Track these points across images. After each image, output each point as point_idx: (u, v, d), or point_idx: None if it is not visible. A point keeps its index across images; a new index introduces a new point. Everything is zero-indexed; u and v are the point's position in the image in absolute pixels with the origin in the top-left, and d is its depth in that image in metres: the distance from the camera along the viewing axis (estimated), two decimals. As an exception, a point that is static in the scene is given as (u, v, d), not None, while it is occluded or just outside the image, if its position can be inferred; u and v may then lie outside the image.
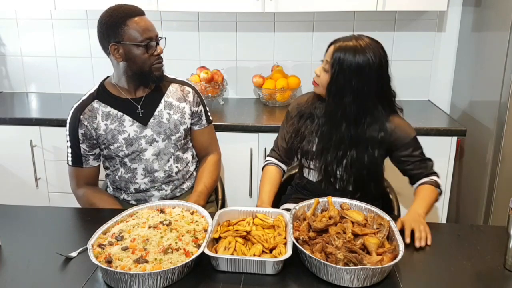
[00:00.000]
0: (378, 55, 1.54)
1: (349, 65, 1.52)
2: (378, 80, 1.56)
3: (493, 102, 2.24)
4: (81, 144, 1.73)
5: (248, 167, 2.41)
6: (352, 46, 1.53)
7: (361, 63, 1.52)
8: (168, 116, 1.77)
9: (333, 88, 1.57)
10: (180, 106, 1.80)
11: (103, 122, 1.71)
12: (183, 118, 1.80)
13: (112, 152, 1.74)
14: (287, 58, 2.81)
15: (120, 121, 1.72)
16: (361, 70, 1.52)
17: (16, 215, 1.58)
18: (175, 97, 1.80)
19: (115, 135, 1.71)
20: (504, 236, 1.26)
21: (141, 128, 1.73)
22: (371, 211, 1.41)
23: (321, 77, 1.61)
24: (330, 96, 1.60)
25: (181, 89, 1.82)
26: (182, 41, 2.81)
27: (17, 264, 1.29)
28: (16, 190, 2.54)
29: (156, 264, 1.19)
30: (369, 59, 1.52)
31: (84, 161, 1.75)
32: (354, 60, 1.52)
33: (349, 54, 1.52)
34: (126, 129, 1.72)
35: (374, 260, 1.20)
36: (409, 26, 2.70)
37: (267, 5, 2.36)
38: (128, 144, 1.73)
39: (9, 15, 2.83)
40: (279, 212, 1.43)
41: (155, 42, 1.67)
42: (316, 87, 1.66)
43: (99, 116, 1.71)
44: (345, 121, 1.59)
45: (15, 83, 2.98)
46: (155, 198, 1.81)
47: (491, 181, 2.29)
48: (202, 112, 1.87)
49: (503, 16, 2.15)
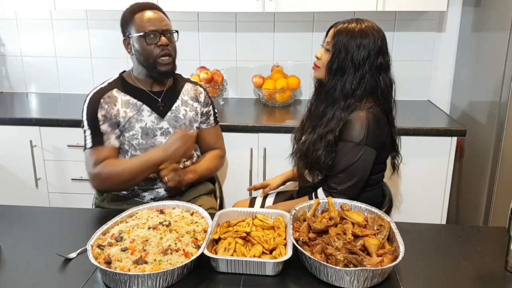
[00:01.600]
0: (378, 32, 1.58)
1: (351, 40, 1.55)
2: (377, 57, 1.57)
3: (493, 102, 2.24)
4: (101, 126, 1.70)
5: (248, 167, 2.41)
6: (353, 26, 1.57)
7: (363, 36, 1.55)
8: (185, 112, 1.83)
9: (335, 65, 1.58)
10: (194, 105, 1.87)
11: (123, 109, 1.74)
12: (196, 116, 1.87)
13: (126, 140, 1.75)
14: (287, 58, 2.80)
15: (139, 110, 1.75)
16: (362, 44, 1.54)
17: (16, 215, 1.58)
18: (189, 96, 1.87)
19: (133, 122, 1.74)
20: (504, 237, 1.25)
21: (158, 119, 1.77)
22: (371, 212, 1.41)
23: (322, 58, 1.63)
24: (331, 74, 1.60)
25: (194, 89, 1.90)
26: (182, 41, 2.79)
27: (16, 264, 1.29)
28: (16, 190, 2.54)
29: (156, 265, 1.18)
30: (370, 34, 1.55)
31: (105, 140, 1.71)
32: (356, 36, 1.55)
33: (351, 31, 1.56)
34: (144, 119, 1.76)
35: (374, 261, 1.20)
36: (409, 26, 2.70)
37: (267, 5, 2.36)
38: (143, 133, 1.75)
39: (9, 15, 2.83)
40: (279, 213, 1.43)
41: (158, 34, 1.68)
42: (316, 70, 1.68)
43: (119, 103, 1.74)
44: (343, 98, 1.58)
45: (15, 83, 2.98)
46: (162, 189, 1.82)
47: (491, 181, 2.29)
48: (211, 112, 1.95)
49: (503, 16, 2.15)
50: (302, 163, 1.69)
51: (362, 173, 1.58)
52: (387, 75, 1.61)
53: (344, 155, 1.57)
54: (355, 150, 1.55)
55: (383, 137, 1.61)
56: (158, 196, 1.82)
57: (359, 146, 1.54)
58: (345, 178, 1.57)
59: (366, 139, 1.54)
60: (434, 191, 2.40)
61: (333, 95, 1.60)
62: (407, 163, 1.91)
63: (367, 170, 1.60)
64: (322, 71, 1.65)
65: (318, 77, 1.69)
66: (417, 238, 1.43)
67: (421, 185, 2.39)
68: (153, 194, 1.81)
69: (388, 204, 1.79)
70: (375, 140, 1.57)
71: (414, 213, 2.42)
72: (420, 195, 2.41)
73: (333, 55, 1.58)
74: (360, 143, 1.54)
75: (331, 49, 1.59)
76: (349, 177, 1.57)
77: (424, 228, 1.53)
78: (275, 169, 2.27)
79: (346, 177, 1.57)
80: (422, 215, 2.40)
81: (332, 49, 1.59)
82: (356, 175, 1.57)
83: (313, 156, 1.62)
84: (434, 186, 2.39)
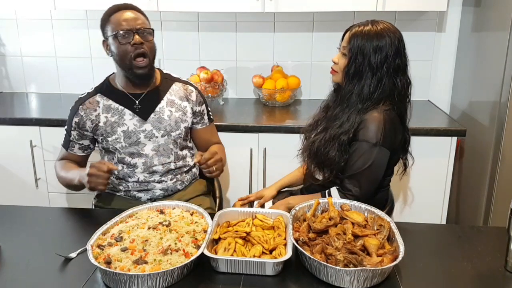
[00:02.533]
0: (395, 33, 1.55)
1: (367, 43, 1.53)
2: (395, 59, 1.54)
3: (493, 102, 2.24)
4: (72, 131, 1.80)
5: (248, 167, 2.41)
6: (369, 28, 1.55)
7: (379, 39, 1.53)
8: (170, 113, 1.80)
9: (352, 69, 1.56)
10: (182, 104, 1.84)
11: (103, 115, 1.76)
12: (185, 116, 1.84)
13: (109, 144, 1.77)
14: (287, 58, 2.80)
15: (121, 114, 1.76)
16: (379, 47, 1.53)
17: (16, 215, 1.58)
18: (178, 96, 1.84)
19: (114, 127, 1.76)
20: (504, 237, 1.25)
21: (141, 122, 1.77)
22: (371, 212, 1.41)
23: (339, 62, 1.62)
24: (348, 79, 1.58)
25: (184, 88, 1.87)
26: (182, 41, 2.81)
27: (16, 264, 1.29)
28: (16, 190, 2.54)
29: (156, 265, 1.19)
30: (387, 36, 1.53)
31: (69, 146, 1.83)
32: (372, 38, 1.53)
33: (367, 34, 1.54)
34: (126, 122, 1.76)
35: (374, 261, 1.20)
36: (409, 26, 2.70)
37: (267, 5, 2.36)
38: (126, 136, 1.76)
39: (9, 15, 2.83)
40: (279, 213, 1.43)
41: (132, 32, 1.66)
42: (334, 75, 1.66)
43: (100, 108, 1.76)
44: (360, 102, 1.56)
45: (15, 83, 2.98)
46: (157, 190, 1.82)
47: (491, 181, 2.29)
48: (204, 111, 1.93)
49: (503, 16, 2.15)
50: (312, 162, 1.68)
51: (376, 175, 1.58)
52: (404, 77, 1.59)
53: (359, 156, 1.55)
54: (371, 151, 1.53)
55: (396, 141, 1.60)
56: (154, 196, 1.82)
57: (375, 147, 1.53)
58: (360, 179, 1.56)
59: (383, 140, 1.52)
60: (434, 191, 2.40)
61: (349, 99, 1.58)
62: (407, 163, 1.91)
63: (382, 172, 1.59)
64: (339, 76, 1.63)
65: (336, 81, 1.68)
66: (417, 238, 1.43)
67: (421, 185, 2.39)
68: (149, 194, 1.82)
69: (390, 205, 1.79)
70: (390, 142, 1.56)
71: (414, 213, 2.42)
72: (420, 195, 2.41)
73: (350, 59, 1.56)
74: (376, 144, 1.52)
75: (347, 54, 1.57)
76: (364, 178, 1.56)
77: (424, 228, 1.53)
78: (275, 169, 2.27)
79: (361, 179, 1.56)
80: (422, 215, 2.40)
81: (348, 53, 1.56)
82: (370, 177, 1.56)
83: (325, 156, 1.60)
84: (434, 186, 2.39)
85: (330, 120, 1.65)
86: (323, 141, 1.61)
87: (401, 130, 1.62)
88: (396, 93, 1.58)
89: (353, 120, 1.55)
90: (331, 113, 1.66)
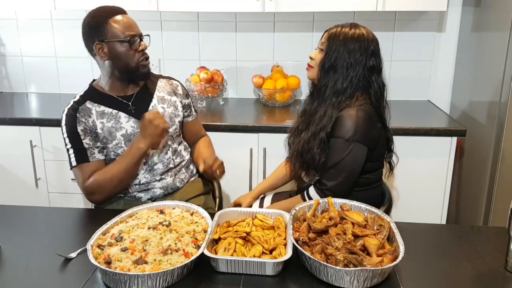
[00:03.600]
0: (373, 37, 1.62)
1: (343, 38, 1.59)
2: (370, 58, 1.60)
3: (493, 102, 2.24)
4: (83, 140, 1.69)
5: (248, 167, 2.41)
6: (347, 29, 1.62)
7: (356, 39, 1.59)
8: (163, 110, 1.81)
9: (327, 63, 1.61)
10: (172, 99, 1.86)
11: (99, 121, 1.72)
12: (177, 110, 1.86)
13: (110, 150, 1.74)
14: (287, 58, 2.80)
15: (116, 118, 1.74)
16: (354, 43, 1.58)
17: (16, 215, 1.58)
18: (166, 91, 1.86)
19: (113, 132, 1.73)
20: (504, 237, 1.25)
21: (137, 123, 1.75)
22: (371, 212, 1.41)
23: (315, 58, 1.67)
24: (323, 72, 1.63)
25: (170, 83, 1.90)
26: (182, 41, 2.81)
27: (16, 264, 1.29)
28: (16, 190, 2.54)
29: (156, 265, 1.18)
30: (363, 37, 1.60)
31: (90, 155, 1.69)
32: (348, 33, 1.60)
33: (345, 33, 1.60)
34: (123, 126, 1.74)
35: (374, 261, 1.20)
36: (409, 26, 2.70)
37: (267, 5, 2.36)
38: (126, 140, 1.74)
39: (9, 15, 2.83)
40: (279, 213, 1.43)
41: (138, 38, 1.70)
42: (310, 70, 1.70)
43: (93, 115, 1.72)
44: (334, 95, 1.61)
45: (15, 83, 2.98)
46: (157, 189, 1.81)
47: (491, 181, 2.29)
48: (191, 103, 1.96)
49: (503, 16, 2.15)
50: (299, 163, 1.70)
51: (351, 169, 1.60)
52: (379, 77, 1.64)
53: (334, 151, 1.60)
54: (345, 146, 1.57)
55: (375, 134, 1.63)
56: (154, 195, 1.82)
57: (348, 142, 1.57)
58: (335, 173, 1.60)
59: (356, 135, 1.56)
60: (434, 191, 2.40)
61: (324, 93, 1.63)
62: (407, 163, 1.91)
63: (357, 167, 1.62)
64: (314, 71, 1.67)
65: (311, 77, 1.71)
66: (417, 238, 1.43)
67: (421, 185, 2.39)
68: (149, 194, 1.81)
69: (388, 203, 1.79)
70: (366, 136, 1.58)
71: (414, 213, 2.42)
72: (420, 195, 2.41)
73: (326, 54, 1.62)
74: (349, 139, 1.56)
75: (324, 49, 1.63)
76: (338, 172, 1.59)
77: (424, 228, 1.53)
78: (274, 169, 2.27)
79: (336, 172, 1.60)
80: (422, 215, 2.39)
81: (325, 49, 1.62)
82: (345, 171, 1.59)
83: (308, 155, 1.64)
84: (434, 186, 2.39)
85: (311, 115, 1.69)
86: (306, 138, 1.65)
87: (378, 127, 1.64)
88: (372, 91, 1.62)
89: (329, 114, 1.60)
90: (309, 108, 1.71)
